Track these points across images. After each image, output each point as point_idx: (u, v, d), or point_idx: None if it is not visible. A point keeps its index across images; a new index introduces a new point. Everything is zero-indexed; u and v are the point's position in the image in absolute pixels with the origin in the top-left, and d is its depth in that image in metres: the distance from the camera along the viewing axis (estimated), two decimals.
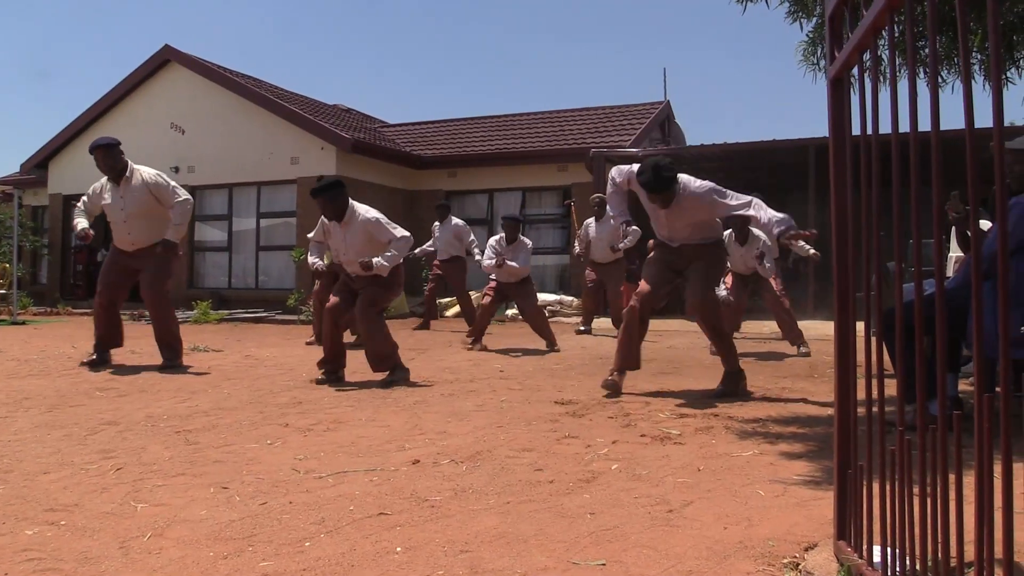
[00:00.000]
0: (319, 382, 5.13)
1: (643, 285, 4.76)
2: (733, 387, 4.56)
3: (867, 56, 1.67)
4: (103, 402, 4.35)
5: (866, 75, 1.80)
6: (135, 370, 5.80)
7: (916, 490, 1.43)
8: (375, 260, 5.16)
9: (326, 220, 5.41)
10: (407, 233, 5.35)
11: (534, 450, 3.07)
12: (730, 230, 7.08)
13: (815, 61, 3.79)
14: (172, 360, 5.99)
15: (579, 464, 2.84)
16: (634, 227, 9.43)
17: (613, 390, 4.53)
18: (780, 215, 4.32)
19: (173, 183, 6.13)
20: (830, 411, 3.95)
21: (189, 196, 6.18)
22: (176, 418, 3.83)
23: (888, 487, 1.59)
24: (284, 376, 5.53)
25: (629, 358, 4.69)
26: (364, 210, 5.33)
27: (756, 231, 7.06)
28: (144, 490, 2.52)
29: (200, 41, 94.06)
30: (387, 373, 5.17)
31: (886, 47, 3.20)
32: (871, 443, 1.68)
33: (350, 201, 5.30)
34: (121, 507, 2.34)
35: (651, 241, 5.09)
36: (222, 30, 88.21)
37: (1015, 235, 3.13)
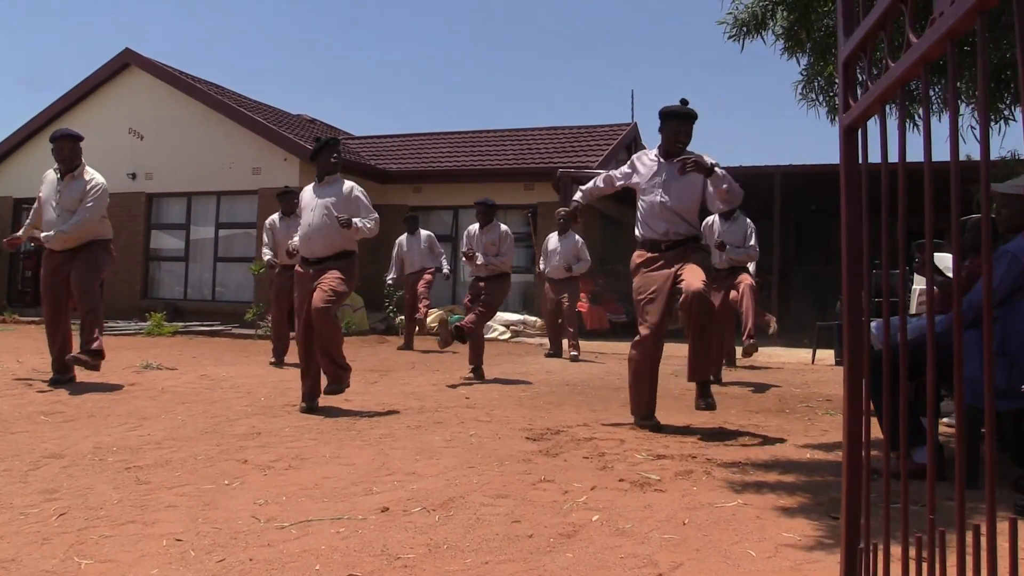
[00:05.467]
0: (304, 411, 4.91)
1: (643, 329, 4.53)
2: (710, 398, 4.52)
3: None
4: (48, 428, 4.11)
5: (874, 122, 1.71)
6: (83, 389, 5.52)
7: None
8: (355, 220, 5.00)
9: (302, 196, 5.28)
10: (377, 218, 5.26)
11: (509, 496, 2.92)
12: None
13: (814, 97, 3.72)
14: (89, 358, 5.61)
15: (558, 514, 2.70)
16: (587, 258, 9.46)
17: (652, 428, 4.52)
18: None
19: (98, 196, 5.80)
20: (809, 454, 3.87)
21: (99, 211, 5.81)
22: (126, 450, 3.60)
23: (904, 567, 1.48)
24: (242, 400, 5.30)
25: (647, 403, 4.57)
26: (350, 181, 5.27)
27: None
28: (89, 541, 2.32)
29: (162, 46, 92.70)
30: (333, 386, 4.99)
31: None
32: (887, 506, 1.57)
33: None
34: (63, 564, 2.13)
35: (635, 262, 4.72)
36: (185, 37, 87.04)
37: (1003, 286, 3.07)
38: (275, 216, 8.20)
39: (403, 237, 10.52)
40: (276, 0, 76.46)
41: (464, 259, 7.43)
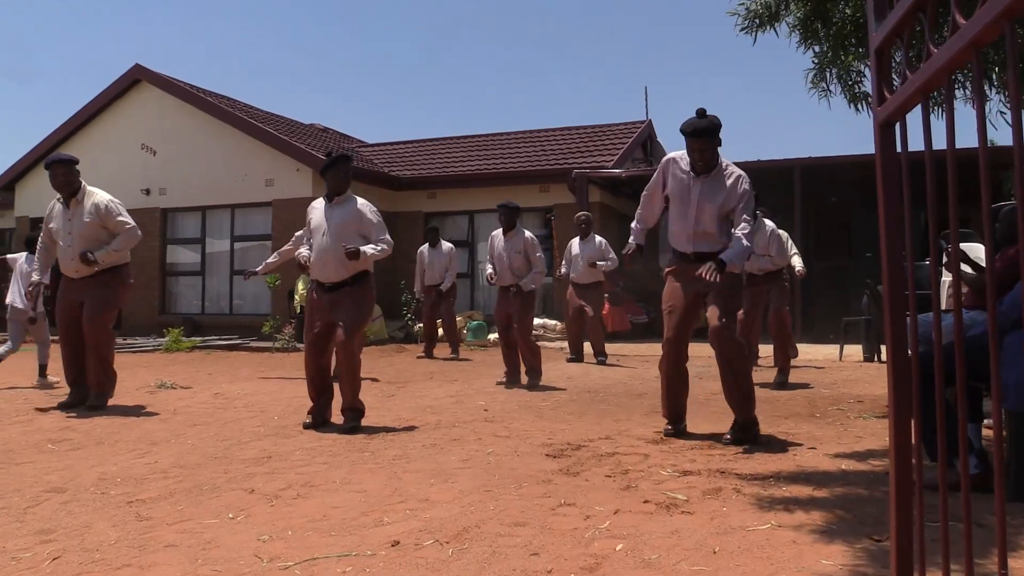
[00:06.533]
0: (307, 426, 4.85)
1: (666, 332, 4.48)
2: (744, 436, 4.23)
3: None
4: (54, 458, 3.99)
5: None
6: (96, 413, 5.42)
7: None
8: (364, 248, 4.84)
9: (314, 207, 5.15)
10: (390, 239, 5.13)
11: (527, 524, 2.75)
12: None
13: (825, 87, 3.55)
14: (98, 403, 5.60)
15: (579, 544, 2.53)
16: (613, 256, 9.23)
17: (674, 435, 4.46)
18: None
19: (122, 211, 5.78)
20: (843, 465, 3.68)
21: (135, 225, 5.81)
22: (131, 481, 3.47)
23: None
24: (254, 420, 5.18)
25: (672, 409, 4.51)
26: (361, 200, 5.10)
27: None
28: None
29: (173, 61, 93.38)
30: (349, 416, 4.85)
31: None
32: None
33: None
34: None
35: (665, 270, 4.69)
36: (195, 50, 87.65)
37: None
38: None
39: (424, 247, 10.44)
40: (286, 10, 76.82)
41: (489, 282, 7.34)
